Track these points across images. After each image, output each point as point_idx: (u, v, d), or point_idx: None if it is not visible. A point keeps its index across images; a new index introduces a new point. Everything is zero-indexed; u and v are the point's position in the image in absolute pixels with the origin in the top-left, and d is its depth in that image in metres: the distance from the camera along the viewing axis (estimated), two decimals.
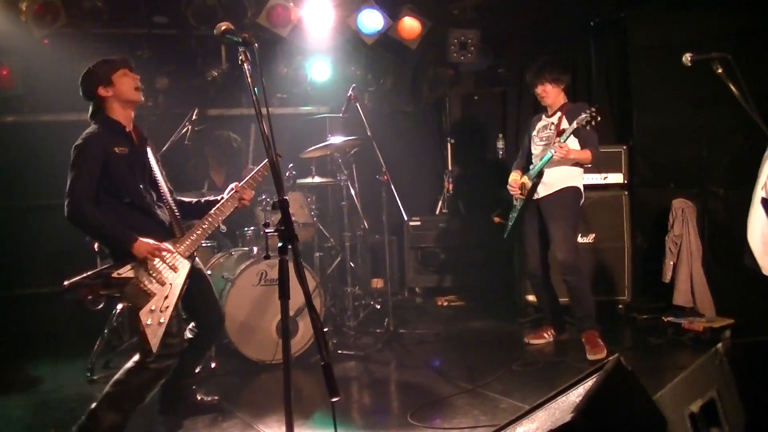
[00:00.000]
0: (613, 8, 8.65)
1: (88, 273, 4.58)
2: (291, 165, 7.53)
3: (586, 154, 6.67)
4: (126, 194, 4.82)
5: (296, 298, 3.26)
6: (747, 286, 6.83)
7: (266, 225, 3.40)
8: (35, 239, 8.33)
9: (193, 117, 7.08)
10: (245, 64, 3.51)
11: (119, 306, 6.88)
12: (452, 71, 9.89)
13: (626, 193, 7.91)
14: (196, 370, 5.56)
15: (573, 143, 6.69)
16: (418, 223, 9.45)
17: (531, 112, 9.46)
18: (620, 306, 7.94)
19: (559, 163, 6.70)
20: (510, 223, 7.16)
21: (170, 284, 4.75)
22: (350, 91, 7.42)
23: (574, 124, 6.47)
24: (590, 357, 6.51)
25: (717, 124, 7.52)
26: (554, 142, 6.62)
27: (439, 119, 10.71)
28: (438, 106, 10.61)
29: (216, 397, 5.63)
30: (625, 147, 8.02)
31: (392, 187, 7.24)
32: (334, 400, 3.05)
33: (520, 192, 6.99)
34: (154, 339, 4.57)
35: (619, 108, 8.84)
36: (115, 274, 4.61)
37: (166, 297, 4.69)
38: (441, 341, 7.51)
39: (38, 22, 7.29)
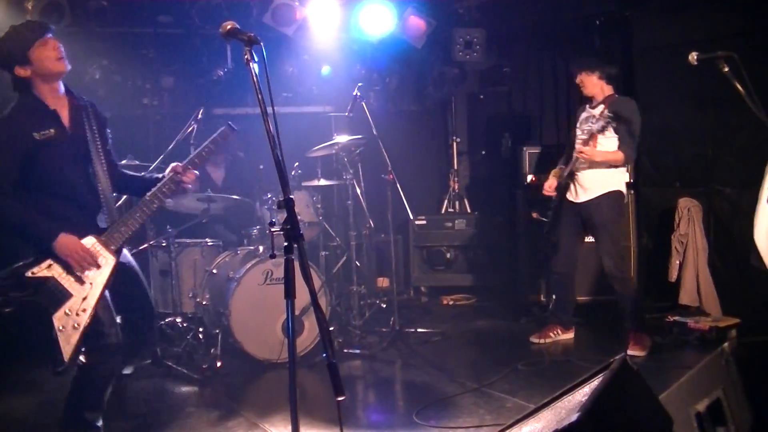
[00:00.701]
0: (617, 7, 8.63)
1: (2, 272, 4.22)
2: (296, 164, 7.54)
3: (616, 156, 6.58)
4: (49, 184, 4.38)
5: (302, 297, 3.26)
6: (753, 285, 6.85)
7: (272, 224, 3.39)
8: None
9: (199, 116, 7.08)
10: (250, 64, 3.50)
11: None
12: (457, 70, 9.88)
13: (632, 192, 7.86)
14: (126, 371, 5.22)
15: (610, 142, 6.64)
16: (424, 222, 9.43)
17: (537, 110, 9.48)
18: None
19: (594, 165, 6.68)
20: (547, 220, 7.12)
21: (91, 283, 4.30)
22: (355, 90, 7.42)
23: (594, 127, 6.46)
24: (630, 352, 6.47)
25: (722, 123, 7.50)
26: (577, 148, 6.61)
27: (444, 118, 10.70)
28: (443, 105, 10.60)
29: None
30: None
31: (398, 186, 7.24)
32: (340, 399, 3.05)
33: (555, 193, 6.95)
34: (68, 346, 4.16)
35: None
36: (29, 274, 4.21)
37: (85, 298, 4.26)
38: (446, 340, 7.50)
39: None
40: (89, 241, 4.35)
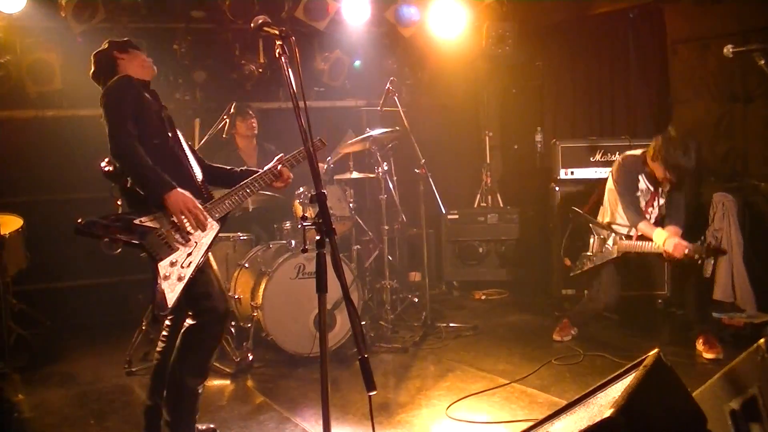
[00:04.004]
0: (651, 0, 8.58)
1: (108, 215, 4.31)
2: (329, 158, 7.55)
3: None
4: (156, 138, 4.53)
5: (334, 291, 3.26)
6: None
7: (304, 218, 3.40)
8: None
9: (231, 111, 7.10)
10: (282, 58, 3.50)
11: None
12: (490, 64, 9.85)
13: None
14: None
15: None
16: (456, 216, 9.43)
17: (570, 105, 9.42)
18: (659, 301, 7.86)
19: None
20: (580, 269, 6.99)
21: (196, 242, 4.42)
22: (388, 84, 7.42)
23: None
24: (705, 356, 6.28)
25: (757, 116, 7.43)
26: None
27: (476, 112, 10.68)
28: (476, 100, 10.57)
29: (212, 425, 5.07)
30: None
31: (430, 180, 7.24)
32: (371, 393, 3.04)
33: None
34: (171, 294, 4.22)
35: (657, 100, 8.76)
36: (137, 221, 4.30)
37: (190, 254, 4.36)
38: (478, 335, 7.48)
39: (77, 18, 7.36)
40: None
